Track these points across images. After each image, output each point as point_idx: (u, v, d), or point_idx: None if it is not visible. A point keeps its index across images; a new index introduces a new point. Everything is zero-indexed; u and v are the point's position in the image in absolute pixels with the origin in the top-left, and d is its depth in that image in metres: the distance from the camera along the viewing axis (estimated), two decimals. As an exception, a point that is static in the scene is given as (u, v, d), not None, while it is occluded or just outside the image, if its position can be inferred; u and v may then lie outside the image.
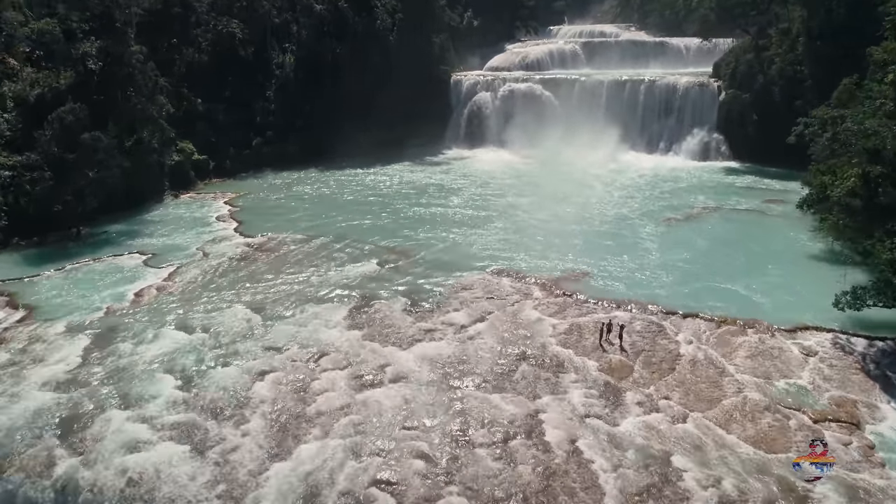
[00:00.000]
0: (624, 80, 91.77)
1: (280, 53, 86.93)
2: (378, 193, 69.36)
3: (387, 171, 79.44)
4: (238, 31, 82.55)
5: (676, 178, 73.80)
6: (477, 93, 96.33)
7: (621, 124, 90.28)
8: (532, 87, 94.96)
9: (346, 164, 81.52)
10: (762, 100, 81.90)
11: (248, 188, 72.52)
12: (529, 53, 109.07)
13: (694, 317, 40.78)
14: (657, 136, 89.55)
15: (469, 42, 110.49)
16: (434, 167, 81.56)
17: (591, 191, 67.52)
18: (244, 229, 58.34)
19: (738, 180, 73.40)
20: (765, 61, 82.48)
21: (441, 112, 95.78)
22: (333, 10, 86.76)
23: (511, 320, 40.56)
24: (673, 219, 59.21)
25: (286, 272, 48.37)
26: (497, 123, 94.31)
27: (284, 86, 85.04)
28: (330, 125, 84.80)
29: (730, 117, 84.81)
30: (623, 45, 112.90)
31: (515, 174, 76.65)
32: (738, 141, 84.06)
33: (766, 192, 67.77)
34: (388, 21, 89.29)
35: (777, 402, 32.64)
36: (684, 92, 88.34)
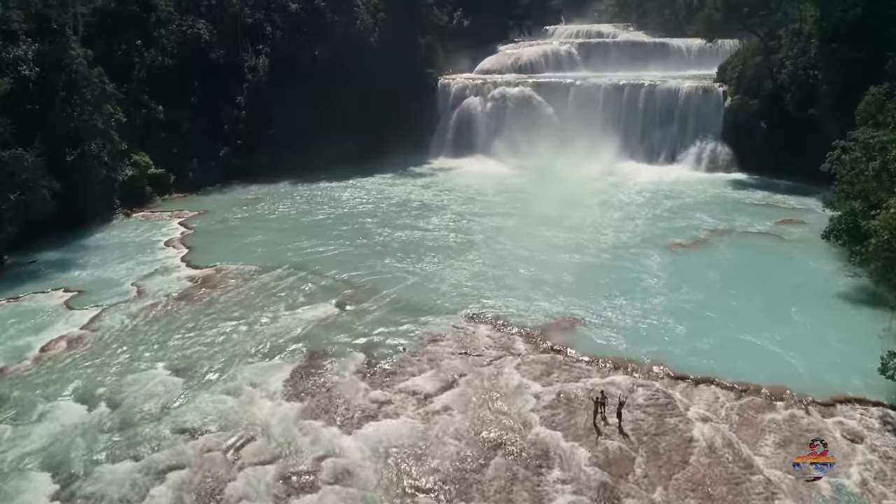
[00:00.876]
0: (622, 85, 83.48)
1: (253, 56, 78.60)
2: (351, 212, 61.31)
3: (364, 185, 71.10)
4: (205, 31, 74.05)
5: (680, 194, 65.59)
6: (465, 97, 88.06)
7: (620, 132, 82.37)
8: (524, 92, 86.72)
9: (322, 176, 73.18)
10: (772, 107, 73.65)
11: (210, 205, 64.30)
12: (522, 55, 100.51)
13: (708, 383, 32.70)
14: (658, 144, 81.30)
15: (459, 43, 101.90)
16: (416, 179, 73.32)
17: (587, 210, 59.10)
18: (193, 257, 50.22)
19: (747, 195, 65.19)
20: (774, 65, 74.11)
21: (427, 118, 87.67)
22: (310, 10, 78.25)
23: (487, 387, 32.39)
24: (679, 245, 50.98)
25: (228, 317, 40.24)
26: (486, 131, 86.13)
27: (256, 91, 76.64)
28: (305, 133, 76.61)
29: (736, 125, 76.49)
30: (621, 46, 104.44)
31: (504, 189, 68.31)
32: (745, 151, 75.80)
33: (780, 211, 59.57)
34: (370, 21, 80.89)
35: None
36: (687, 97, 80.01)
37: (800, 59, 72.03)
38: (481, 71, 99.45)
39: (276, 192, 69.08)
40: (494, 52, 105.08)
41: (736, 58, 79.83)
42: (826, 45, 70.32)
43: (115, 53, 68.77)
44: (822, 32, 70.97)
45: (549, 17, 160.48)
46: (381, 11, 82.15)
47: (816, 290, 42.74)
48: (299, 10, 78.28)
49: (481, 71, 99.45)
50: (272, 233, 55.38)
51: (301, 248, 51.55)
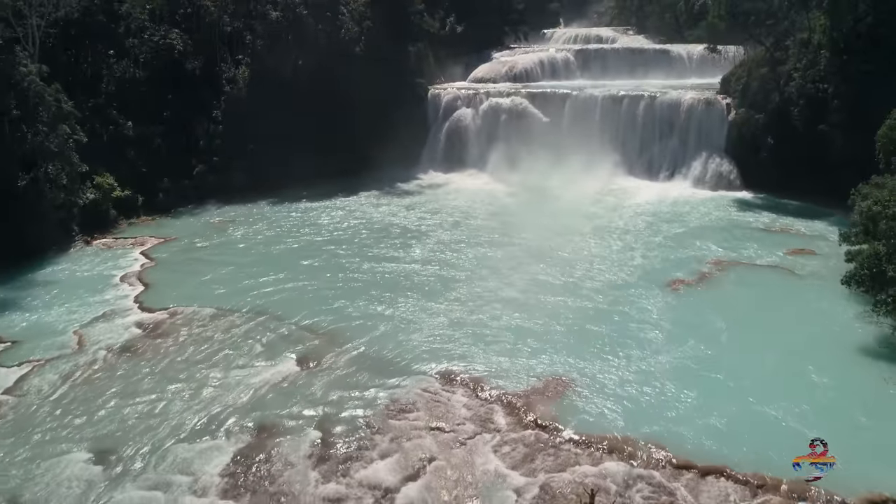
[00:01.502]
0: (621, 96, 77.83)
1: (232, 66, 72.98)
2: (327, 239, 56.16)
3: (348, 205, 65.55)
4: (178, 42, 68.30)
5: (681, 217, 60.28)
6: (457, 108, 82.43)
7: (618, 145, 76.92)
8: (518, 103, 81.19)
9: (303, 195, 67.74)
10: (779, 122, 68.10)
11: (179, 230, 58.84)
12: (517, 63, 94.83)
13: (718, 475, 26.99)
14: (658, 159, 75.79)
15: (451, 50, 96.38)
16: (403, 199, 67.87)
17: (582, 239, 53.71)
18: (147, 297, 44.85)
19: (753, 218, 59.83)
20: (781, 77, 68.45)
21: (417, 130, 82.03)
22: (292, 18, 72.36)
23: (458, 478, 26.86)
24: (681, 283, 45.45)
25: (172, 377, 34.81)
26: (479, 144, 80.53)
27: (235, 103, 71.11)
28: (287, 147, 70.94)
29: (741, 140, 70.86)
30: (620, 53, 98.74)
31: (495, 210, 62.89)
32: (750, 168, 70.25)
33: (789, 238, 54.19)
34: (355, 30, 75.26)
35: None
36: (689, 110, 74.45)
37: (808, 71, 66.39)
38: (475, 79, 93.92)
39: (251, 213, 63.48)
40: (489, 59, 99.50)
41: (740, 69, 74.17)
42: (836, 56, 64.90)
43: (81, 67, 62.95)
44: (831, 43, 65.51)
45: (547, 19, 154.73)
46: (367, 19, 76.48)
47: (837, 342, 37.29)
48: (280, 19, 72.42)
49: (475, 79, 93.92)
50: (238, 265, 49.92)
51: (266, 285, 45.98)
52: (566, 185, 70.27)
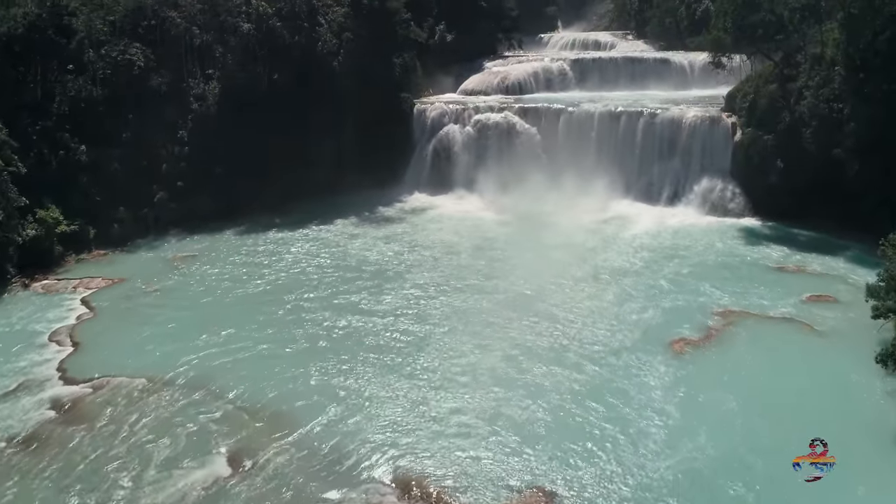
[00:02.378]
0: (618, 112, 70.74)
1: (201, 82, 65.69)
2: (293, 280, 49.73)
3: (321, 235, 58.77)
4: (139, 57, 61.08)
5: (684, 252, 53.69)
6: (444, 125, 75.34)
7: (615, 165, 70.10)
8: (509, 119, 74.10)
9: (276, 222, 61.22)
10: (789, 143, 61.19)
11: (131, 268, 52.14)
12: (510, 74, 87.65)
13: None
14: (658, 182, 68.80)
15: (441, 60, 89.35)
16: (382, 227, 61.07)
17: (575, 285, 47.02)
18: (74, 363, 38.29)
19: (762, 253, 53.05)
20: (791, 95, 61.44)
21: (401, 149, 75.25)
22: (265, 30, 65.14)
23: None
24: (685, 343, 38.86)
25: (71, 488, 27.68)
26: (467, 163, 73.48)
27: (204, 122, 64.37)
28: (260, 169, 64.52)
29: (748, 162, 63.86)
30: (618, 62, 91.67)
31: (481, 243, 56.26)
32: (757, 192, 63.44)
33: (805, 280, 47.41)
34: (334, 43, 67.99)
35: None
36: (691, 128, 67.43)
37: (821, 89, 59.37)
38: (465, 91, 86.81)
39: (216, 245, 56.73)
40: (481, 68, 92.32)
41: (747, 84, 66.96)
42: (853, 74, 57.97)
43: (28, 86, 55.87)
44: (847, 59, 58.55)
45: (544, 24, 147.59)
46: (347, 31, 69.11)
47: (873, 428, 30.61)
48: (252, 31, 65.19)
49: (465, 91, 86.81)
50: (187, 317, 43.28)
51: (212, 345, 39.30)
52: (560, 209, 63.60)
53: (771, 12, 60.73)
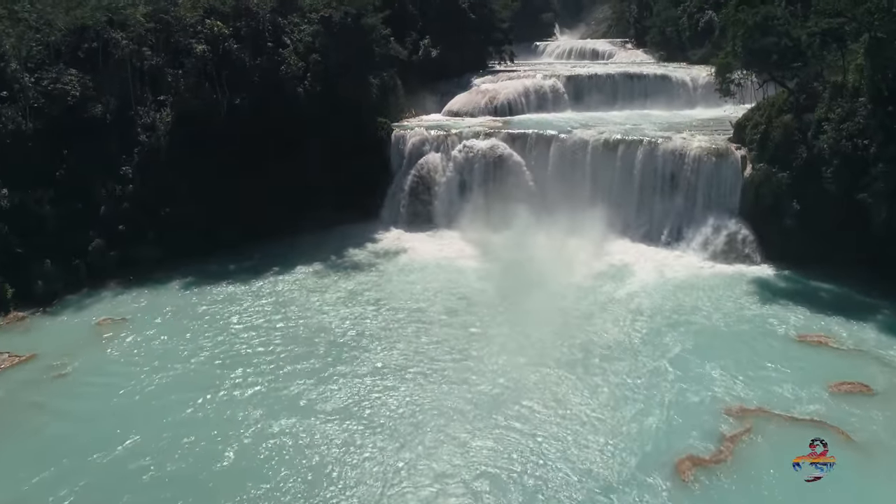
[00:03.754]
0: (615, 141, 62.61)
1: (152, 110, 57.16)
2: (230, 358, 41.65)
3: (277, 289, 50.85)
4: (73, 86, 52.63)
5: (688, 316, 46.03)
6: (424, 153, 67.17)
7: (612, 200, 62.87)
8: (496, 147, 65.81)
9: (229, 270, 53.49)
10: (807, 183, 53.39)
11: (47, 338, 44.07)
12: (499, 93, 79.18)
13: None
14: (659, 220, 60.89)
15: (426, 77, 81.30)
16: (348, 277, 53.20)
17: (559, 372, 38.58)
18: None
19: (779, 315, 45.35)
20: (809, 127, 53.39)
21: (377, 180, 67.03)
22: (223, 53, 56.61)
23: None
24: (694, 462, 30.95)
25: None
26: (449, 197, 65.55)
27: (153, 155, 56.39)
28: (215, 208, 56.81)
29: (760, 202, 55.91)
30: (616, 79, 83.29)
31: (456, 302, 48.39)
32: (770, 236, 55.75)
33: (831, 358, 39.98)
34: (298, 66, 59.29)
35: None
36: (696, 161, 59.47)
37: (844, 123, 51.31)
38: (450, 112, 78.52)
39: (155, 304, 48.55)
40: (469, 85, 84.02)
41: (757, 113, 58.61)
42: (880, 107, 50.46)
43: (-59, 122, 47.81)
44: (873, 89, 50.78)
45: (540, 31, 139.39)
46: (314, 52, 60.36)
47: None
48: (208, 53, 56.65)
49: (450, 112, 78.52)
50: (86, 421, 34.78)
51: (104, 467, 30.69)
52: (550, 253, 55.88)
53: (787, 36, 51.96)
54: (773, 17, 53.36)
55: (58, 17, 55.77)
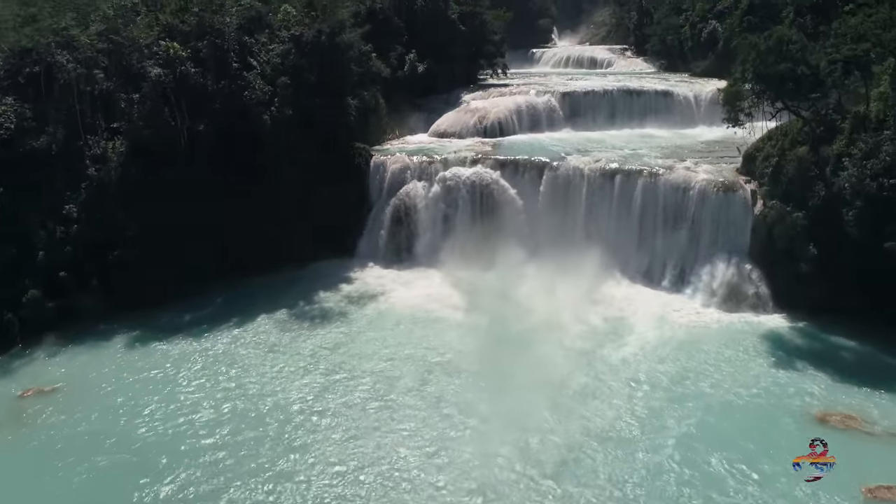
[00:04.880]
0: (612, 170, 56.61)
1: (103, 139, 50.59)
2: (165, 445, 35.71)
3: (232, 348, 44.90)
4: (8, 118, 46.03)
5: (694, 387, 39.69)
6: (406, 182, 60.72)
7: (609, 236, 57.46)
8: (483, 176, 59.54)
9: (184, 322, 47.64)
10: (825, 224, 47.08)
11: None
12: (489, 112, 72.53)
13: None
14: (660, 259, 54.68)
15: (412, 94, 75.15)
16: (314, 332, 46.90)
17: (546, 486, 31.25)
18: None
19: (796, 385, 39.72)
20: (828, 162, 47.00)
21: (353, 211, 60.60)
22: (180, 76, 49.99)
23: None
24: None
25: None
26: (431, 230, 59.37)
27: (102, 191, 50.33)
28: (172, 248, 50.90)
29: (772, 244, 49.61)
30: (614, 96, 76.83)
31: (430, 371, 41.57)
32: (784, 281, 49.49)
33: (862, 449, 33.77)
34: (264, 90, 52.67)
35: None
36: (701, 195, 53.19)
37: (868, 160, 44.95)
38: (437, 133, 71.95)
39: (94, 365, 42.82)
40: (458, 101, 77.42)
41: (769, 143, 52.17)
42: (911, 143, 42.71)
43: None
44: (900, 121, 43.34)
45: (538, 36, 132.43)
46: (283, 75, 53.61)
47: None
48: (166, 77, 50.04)
49: (437, 133, 71.95)
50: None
51: None
52: (540, 300, 49.78)
53: (804, 63, 45.19)
54: (787, 40, 46.59)
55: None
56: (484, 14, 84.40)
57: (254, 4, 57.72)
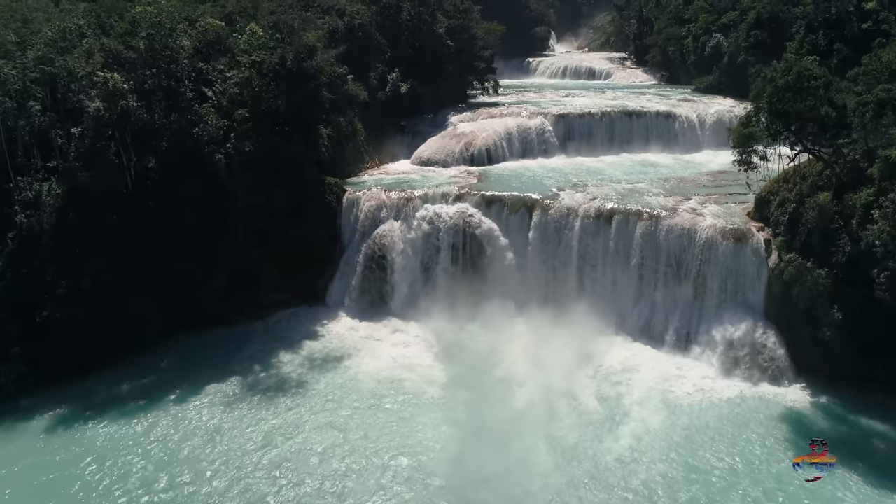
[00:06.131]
0: (609, 211, 49.31)
1: (37, 182, 43.37)
2: None
3: (169, 431, 38.42)
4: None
5: (704, 480, 33.49)
6: (381, 222, 53.70)
7: (605, 287, 50.74)
8: (466, 215, 52.46)
9: (120, 395, 41.10)
10: (852, 284, 40.38)
11: None
12: (477, 137, 65.40)
13: None
14: (662, 315, 48.21)
15: (395, 117, 67.67)
16: (266, 412, 40.26)
17: None
18: None
19: (827, 486, 30.96)
20: (854, 213, 39.87)
21: (325, 254, 53.64)
22: (123, 111, 42.82)
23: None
24: None
25: None
26: (409, 277, 52.72)
27: (32, 240, 43.09)
28: (112, 306, 43.04)
29: (790, 303, 42.55)
30: (612, 118, 69.73)
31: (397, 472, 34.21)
32: (805, 347, 42.43)
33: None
34: (219, 126, 45.44)
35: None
36: (707, 244, 45.77)
37: (902, 215, 36.76)
38: (420, 161, 64.92)
39: (2, 461, 34.20)
40: (444, 124, 70.36)
41: (785, 186, 45.23)
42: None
43: None
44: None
45: (534, 45, 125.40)
46: (241, 106, 46.37)
47: None
48: (104, 112, 42.77)
49: (420, 161, 64.92)
50: None
51: None
52: (527, 366, 43.68)
53: (829, 103, 37.81)
54: (809, 75, 39.16)
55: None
56: (474, 28, 77.07)
57: (212, 25, 50.30)
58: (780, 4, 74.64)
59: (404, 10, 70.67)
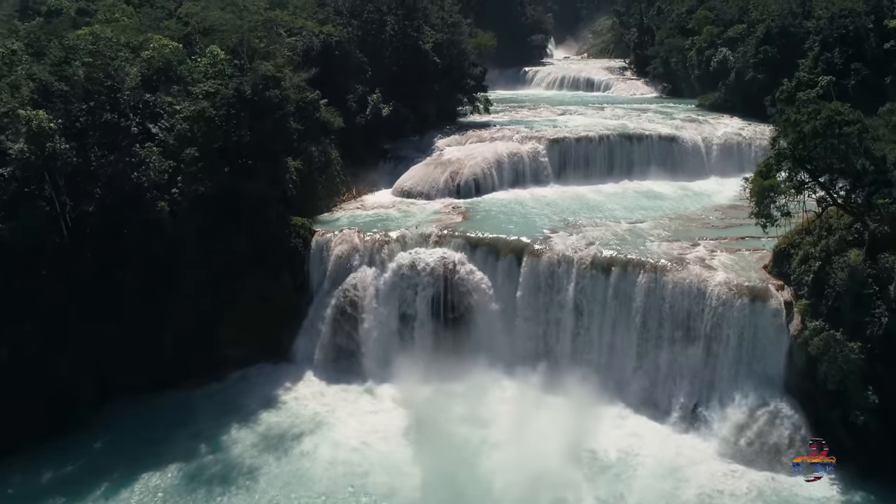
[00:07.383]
0: (606, 260, 42.46)
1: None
2: None
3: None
4: None
5: None
6: (353, 269, 46.83)
7: (601, 350, 43.83)
8: (447, 261, 45.77)
9: (39, 487, 34.45)
10: (891, 363, 31.76)
11: None
12: (464, 165, 58.63)
13: None
14: (667, 383, 41.21)
15: (377, 138, 60.64)
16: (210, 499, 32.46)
17: None
18: None
19: None
20: (891, 277, 32.75)
21: (291, 305, 46.72)
22: (47, 154, 36.22)
23: None
24: None
25: None
26: (384, 334, 46.23)
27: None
28: (38, 373, 36.98)
29: (815, 379, 35.13)
30: (612, 142, 63.02)
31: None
32: (834, 431, 35.87)
33: None
34: (163, 169, 38.54)
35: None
36: (719, 305, 37.82)
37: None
38: (401, 192, 58.14)
39: None
40: (430, 149, 63.72)
41: (807, 239, 38.33)
42: None
43: None
44: None
45: (531, 53, 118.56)
46: (190, 146, 39.50)
47: None
48: (28, 154, 35.97)
49: (401, 192, 58.14)
50: None
51: None
52: (514, 447, 37.30)
53: (865, 154, 30.78)
54: (841, 121, 32.13)
55: None
56: (463, 43, 69.94)
57: (162, 51, 43.39)
58: (792, 18, 67.81)
59: (388, 25, 63.62)
